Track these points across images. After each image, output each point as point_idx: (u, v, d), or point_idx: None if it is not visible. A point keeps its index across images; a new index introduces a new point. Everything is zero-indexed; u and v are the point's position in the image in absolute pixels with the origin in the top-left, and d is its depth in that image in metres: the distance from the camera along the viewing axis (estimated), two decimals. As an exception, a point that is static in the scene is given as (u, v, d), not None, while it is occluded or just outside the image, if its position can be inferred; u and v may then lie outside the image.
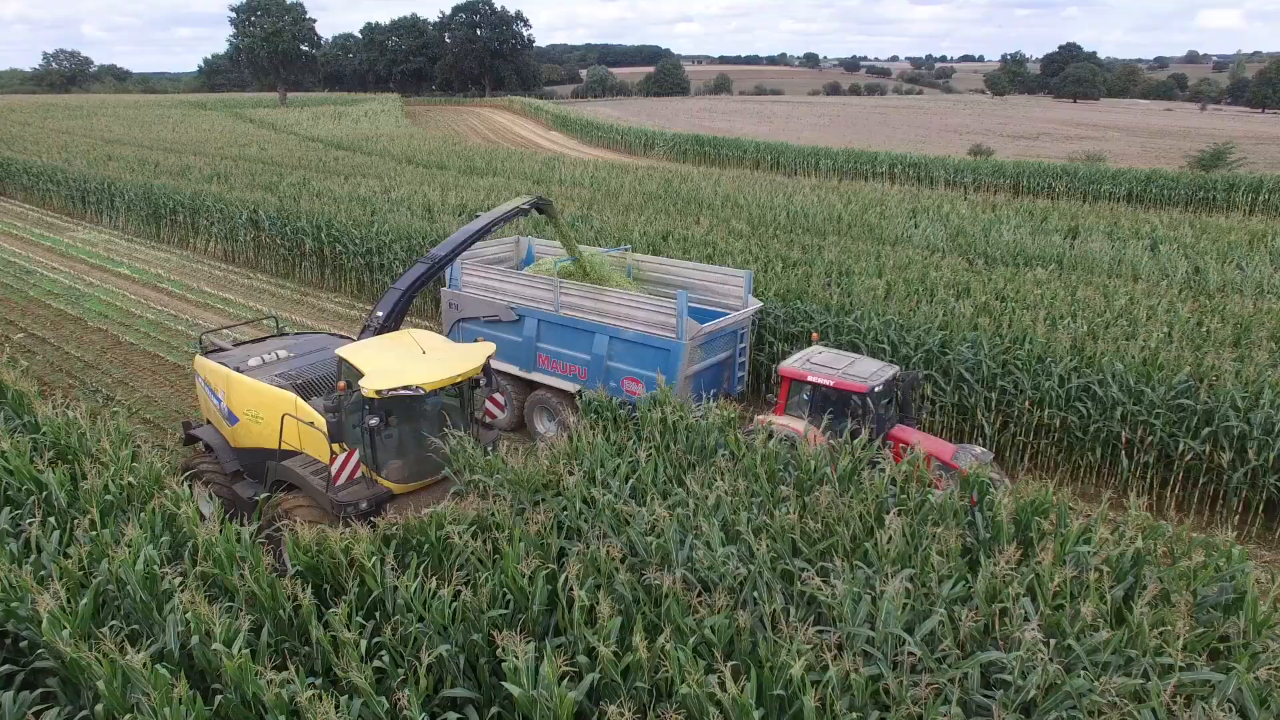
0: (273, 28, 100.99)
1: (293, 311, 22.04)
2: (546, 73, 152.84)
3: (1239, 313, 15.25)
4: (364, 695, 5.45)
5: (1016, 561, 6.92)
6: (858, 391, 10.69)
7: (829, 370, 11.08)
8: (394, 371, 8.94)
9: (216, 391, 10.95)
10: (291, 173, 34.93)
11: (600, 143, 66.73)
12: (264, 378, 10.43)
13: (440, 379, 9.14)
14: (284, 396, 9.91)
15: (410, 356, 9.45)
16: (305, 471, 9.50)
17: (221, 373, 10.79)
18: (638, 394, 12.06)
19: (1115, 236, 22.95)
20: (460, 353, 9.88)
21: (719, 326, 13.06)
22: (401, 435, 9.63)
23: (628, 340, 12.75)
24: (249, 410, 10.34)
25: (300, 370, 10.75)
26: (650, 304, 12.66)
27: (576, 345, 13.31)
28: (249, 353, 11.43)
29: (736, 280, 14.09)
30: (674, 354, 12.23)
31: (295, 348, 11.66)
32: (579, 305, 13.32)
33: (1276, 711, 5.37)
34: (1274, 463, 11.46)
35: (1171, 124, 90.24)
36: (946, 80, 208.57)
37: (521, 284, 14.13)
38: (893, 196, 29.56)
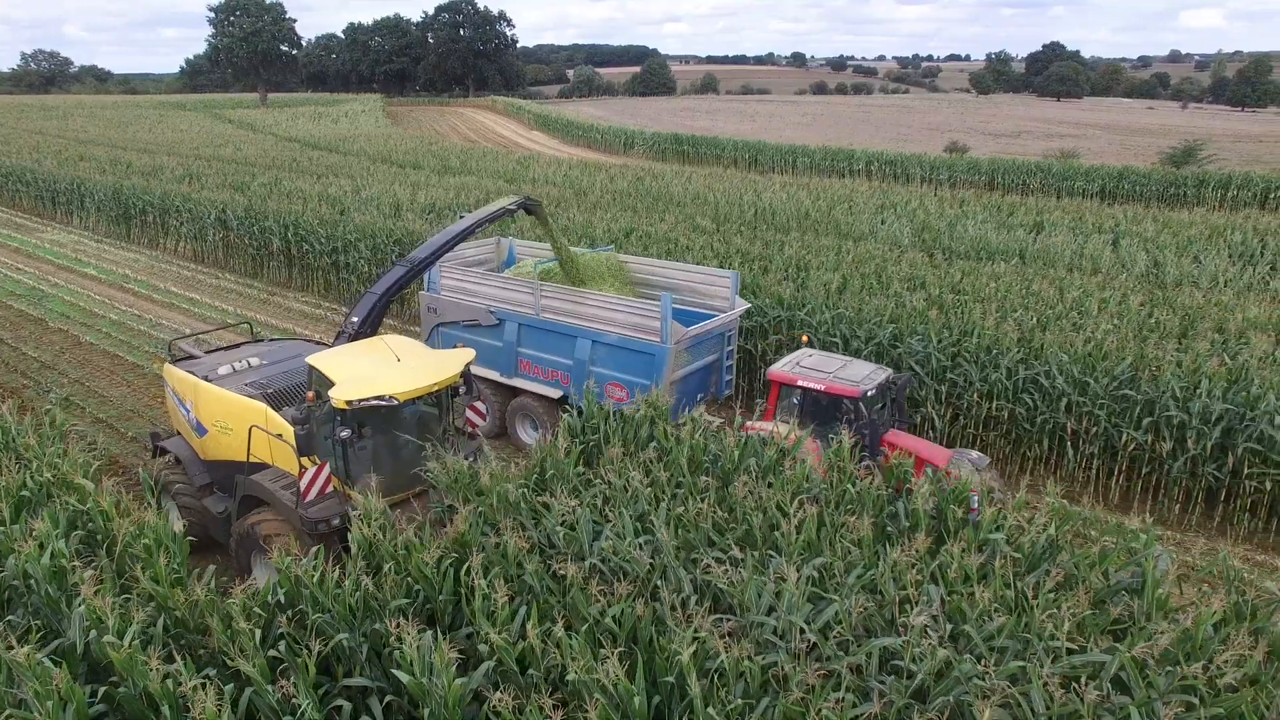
0: (251, 27, 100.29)
1: (259, 311, 21.96)
2: (534, 73, 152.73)
3: (1188, 304, 15.39)
4: (255, 684, 5.43)
5: (928, 549, 6.97)
6: (850, 396, 10.27)
7: (819, 374, 10.66)
8: (366, 380, 8.46)
9: (185, 401, 10.50)
10: (264, 173, 34.78)
11: (580, 142, 66.75)
12: (233, 387, 9.97)
13: (415, 388, 8.59)
14: (253, 407, 9.44)
15: (384, 364, 8.99)
16: (274, 486, 9.02)
17: (189, 382, 10.36)
18: (623, 400, 11.71)
19: (1078, 231, 23.11)
20: (437, 360, 9.37)
21: (704, 330, 12.62)
22: (376, 447, 9.12)
23: (610, 344, 12.33)
24: (217, 421, 9.89)
25: (271, 379, 10.27)
26: (632, 306, 12.21)
27: (558, 350, 12.90)
28: (219, 361, 11.01)
29: (723, 281, 13.59)
30: (658, 358, 11.82)
31: (268, 355, 11.22)
32: (559, 308, 12.91)
33: (1163, 688, 5.40)
34: (1212, 451, 11.58)
35: (1152, 122, 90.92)
36: (933, 79, 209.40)
37: (501, 286, 13.70)
38: (862, 193, 29.67)
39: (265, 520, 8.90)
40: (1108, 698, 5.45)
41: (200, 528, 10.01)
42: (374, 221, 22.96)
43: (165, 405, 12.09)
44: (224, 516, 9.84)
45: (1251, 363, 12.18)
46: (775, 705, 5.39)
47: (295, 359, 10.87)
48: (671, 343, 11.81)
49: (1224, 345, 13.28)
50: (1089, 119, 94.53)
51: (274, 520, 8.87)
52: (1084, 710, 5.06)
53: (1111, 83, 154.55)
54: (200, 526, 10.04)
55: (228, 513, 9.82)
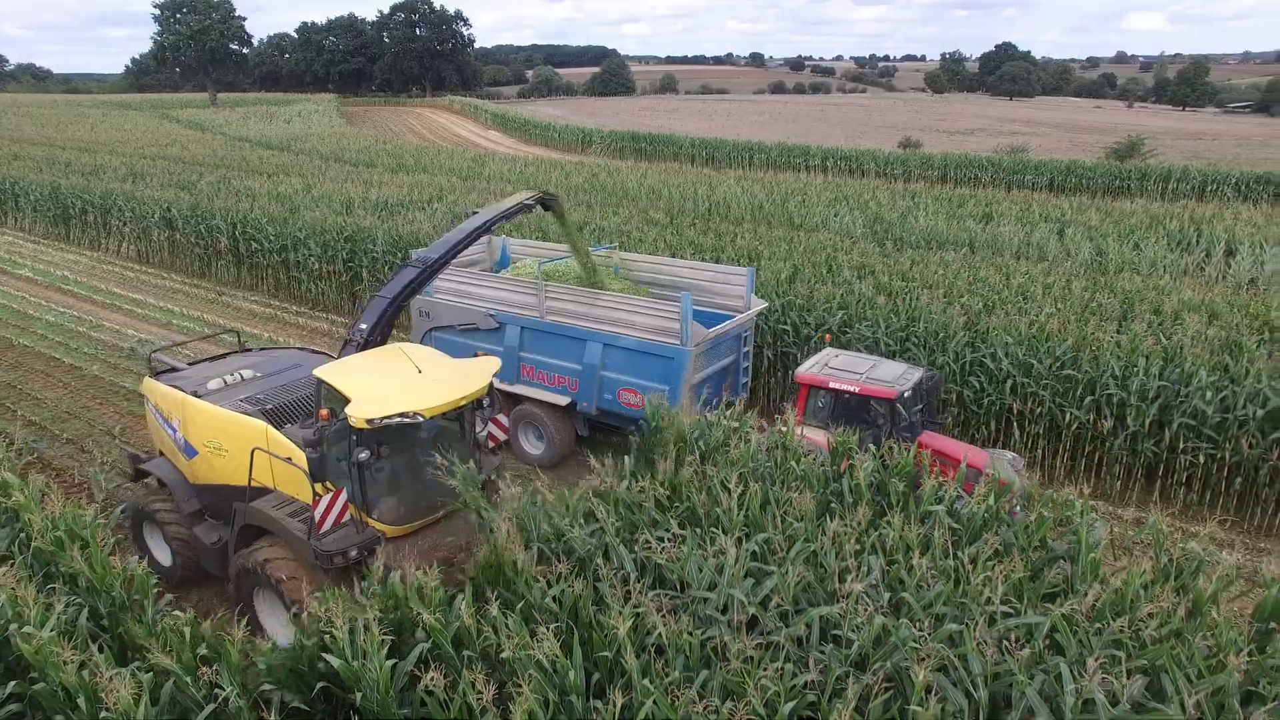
0: (199, 25, 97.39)
1: (208, 311, 21.42)
2: (492, 74, 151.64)
3: (1128, 289, 15.78)
4: (174, 674, 5.25)
5: (869, 522, 7.02)
6: (886, 398, 9.81)
7: (851, 375, 10.16)
8: (387, 396, 7.53)
9: (170, 419, 9.47)
10: (212, 172, 34.00)
11: (538, 141, 66.44)
12: (227, 403, 9.00)
13: (442, 403, 7.68)
14: (252, 425, 8.49)
15: (404, 377, 8.06)
16: (280, 514, 8.08)
17: (176, 398, 9.32)
18: (637, 406, 11.24)
19: (1025, 221, 23.58)
20: (460, 370, 8.48)
21: (724, 330, 12.04)
22: (394, 469, 8.26)
23: (624, 348, 11.66)
24: (210, 441, 8.90)
25: (270, 393, 9.29)
26: (650, 308, 11.55)
27: (566, 354, 12.21)
28: (207, 373, 10.02)
29: (738, 279, 12.86)
30: (678, 362, 11.20)
31: (262, 367, 10.22)
32: (568, 310, 12.22)
33: (1099, 648, 5.48)
34: (1150, 428, 11.88)
35: (1099, 120, 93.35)
36: (889, 79, 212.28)
37: (502, 288, 12.97)
38: (816, 186, 29.95)
39: (271, 554, 7.98)
40: (1041, 658, 5.52)
41: (190, 559, 9.31)
42: (324, 218, 22.56)
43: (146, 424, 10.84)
44: (218, 547, 8.91)
45: (1185, 342, 12.51)
46: (714, 677, 5.36)
47: (294, 370, 10.02)
48: (692, 345, 11.18)
49: (1160, 326, 13.63)
50: (1040, 117, 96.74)
51: (281, 553, 7.95)
52: (1018, 669, 5.11)
53: (1061, 82, 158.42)
54: (190, 558, 9.31)
55: (222, 543, 8.89)
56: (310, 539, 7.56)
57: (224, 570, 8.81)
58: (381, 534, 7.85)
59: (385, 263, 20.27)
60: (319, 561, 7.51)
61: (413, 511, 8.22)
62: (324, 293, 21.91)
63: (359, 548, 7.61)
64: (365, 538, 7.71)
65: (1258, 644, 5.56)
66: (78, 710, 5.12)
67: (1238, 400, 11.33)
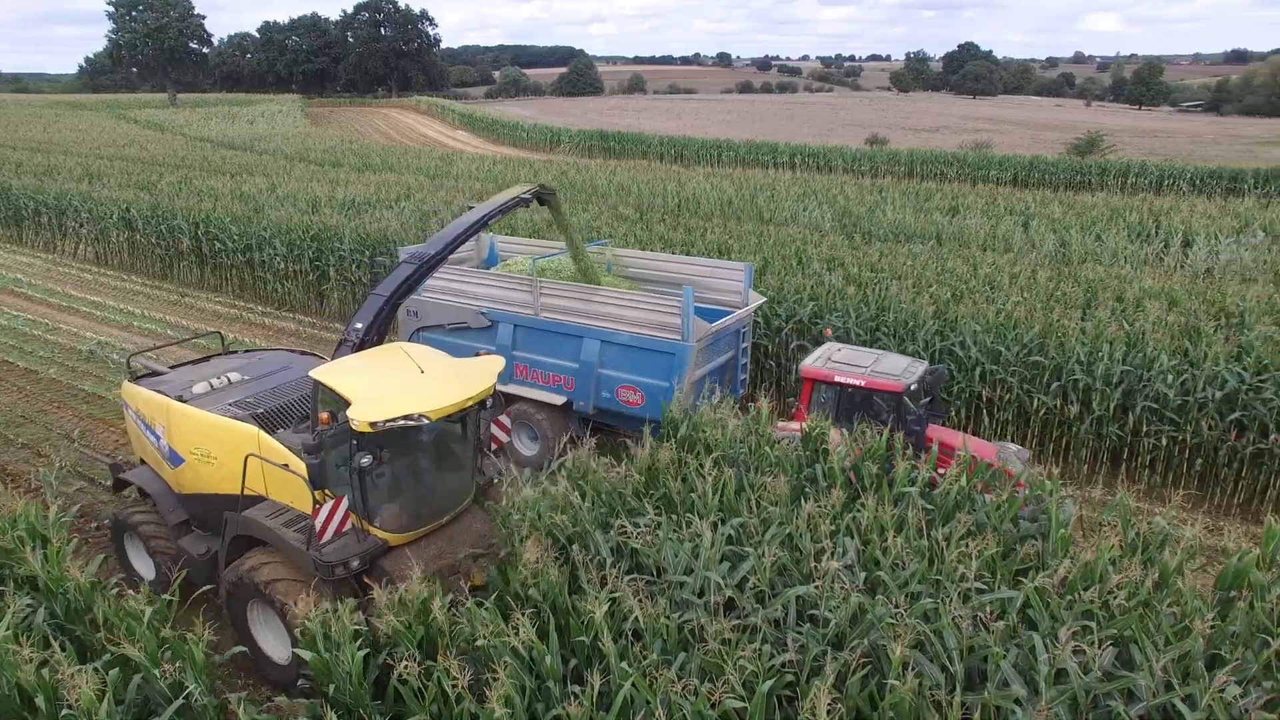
0: (156, 23, 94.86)
1: (170, 313, 20.96)
2: (459, 74, 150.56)
3: (1091, 278, 16.08)
4: (142, 669, 5.11)
5: (843, 505, 7.06)
6: (893, 391, 9.66)
7: (856, 369, 9.99)
8: (389, 397, 7.14)
9: (154, 426, 9.04)
10: (173, 172, 33.32)
11: (506, 141, 66.08)
12: (214, 408, 8.58)
13: (448, 404, 7.29)
14: (243, 431, 8.12)
15: (406, 377, 7.70)
16: (276, 524, 7.69)
17: (159, 403, 8.88)
18: (636, 404, 11.17)
19: (990, 214, 23.94)
20: (464, 370, 8.10)
21: (726, 325, 11.86)
22: (396, 474, 7.89)
23: (623, 344, 11.41)
24: (197, 448, 8.50)
25: (259, 397, 8.89)
26: (650, 303, 11.29)
27: (561, 352, 11.93)
28: (191, 377, 9.54)
29: (735, 274, 12.68)
30: (679, 358, 10.93)
31: (249, 369, 9.81)
32: (564, 307, 11.90)
33: (1071, 619, 5.56)
34: (1114, 412, 12.10)
35: (1060, 118, 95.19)
36: (855, 79, 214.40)
37: (494, 285, 12.58)
38: (784, 182, 30.14)
39: (267, 566, 7.58)
40: (1015, 631, 5.58)
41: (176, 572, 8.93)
42: (290, 217, 22.20)
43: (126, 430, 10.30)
44: (207, 559, 8.51)
45: (1147, 327, 12.77)
46: (692, 659, 5.35)
47: (283, 373, 9.63)
48: (694, 340, 10.96)
49: (1123, 313, 13.90)
50: (1003, 115, 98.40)
51: (277, 565, 7.57)
52: (993, 641, 5.16)
53: (1023, 81, 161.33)
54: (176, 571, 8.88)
55: (211, 554, 8.51)
56: (309, 549, 7.21)
57: (210, 582, 8.44)
58: (384, 542, 7.57)
59: (353, 261, 20.01)
60: (319, 573, 7.16)
61: (416, 518, 7.87)
62: (290, 292, 21.56)
63: (361, 558, 7.29)
64: (367, 547, 7.39)
65: (1220, 612, 5.67)
66: (38, 712, 4.96)
67: (1197, 383, 11.59)
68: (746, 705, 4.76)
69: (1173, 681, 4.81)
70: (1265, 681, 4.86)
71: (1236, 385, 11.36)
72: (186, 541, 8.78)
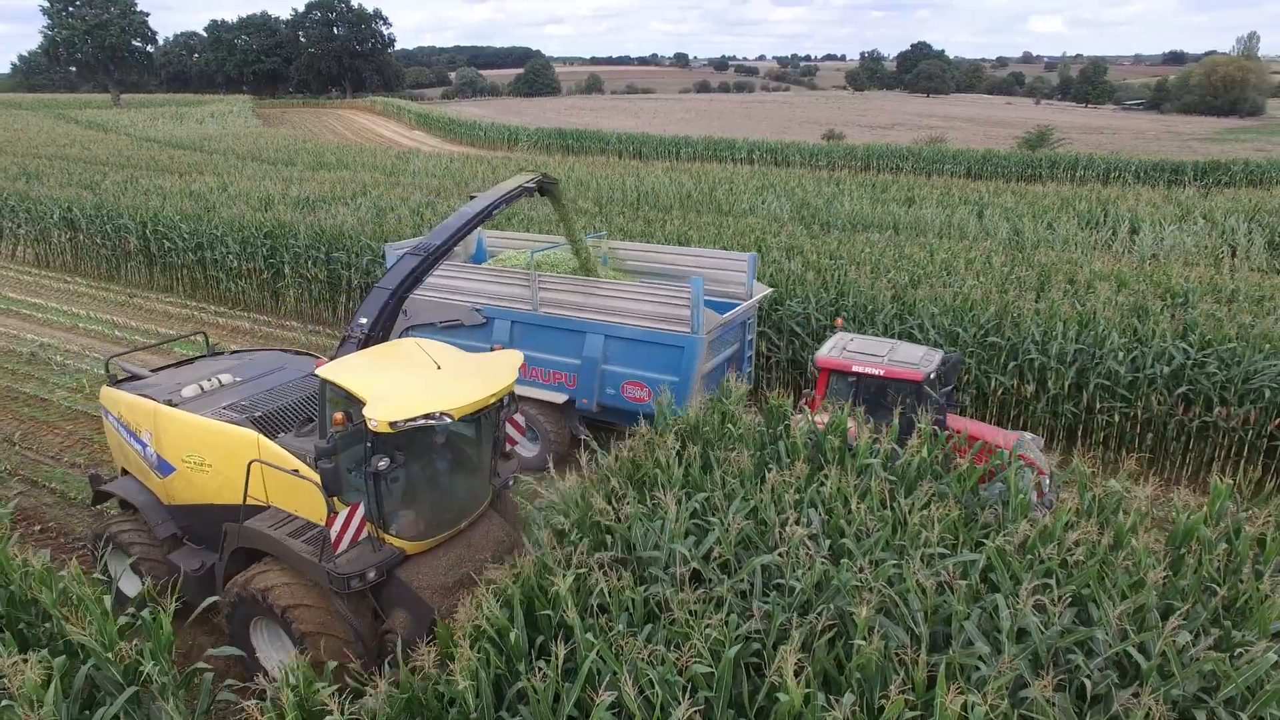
0: (96, 19, 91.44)
1: (117, 314, 20.33)
2: (415, 75, 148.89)
3: (1044, 262, 16.44)
4: (93, 655, 4.92)
5: (807, 478, 7.09)
6: (913, 380, 9.44)
7: (873, 358, 9.76)
8: (407, 396, 6.65)
9: (139, 433, 8.45)
10: (118, 171, 32.34)
11: (464, 140, 65.47)
12: (208, 412, 8.05)
13: (471, 401, 6.81)
14: (242, 436, 7.59)
15: (422, 374, 7.19)
16: (282, 534, 7.16)
17: (145, 408, 8.31)
18: (643, 400, 10.84)
19: (945, 204, 24.36)
20: (483, 365, 7.63)
21: (735, 316, 11.58)
22: (412, 478, 7.38)
23: (628, 339, 11.07)
24: (191, 455, 7.95)
25: (255, 399, 8.36)
26: (657, 295, 10.89)
27: (562, 348, 11.51)
28: (178, 379, 8.98)
29: (738, 265, 12.37)
30: (689, 351, 10.61)
31: (240, 371, 9.25)
32: (564, 301, 11.53)
33: (1031, 578, 5.64)
34: (1069, 390, 12.37)
35: (1011, 116, 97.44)
36: (811, 78, 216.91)
37: (489, 280, 12.12)
38: (743, 175, 30.33)
39: (274, 579, 7.06)
40: (978, 593, 5.65)
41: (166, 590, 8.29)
42: (243, 215, 21.70)
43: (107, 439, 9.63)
44: (201, 574, 7.98)
45: (1098, 307, 13.09)
46: (658, 630, 5.31)
47: (278, 373, 9.12)
48: (704, 332, 10.64)
49: (1075, 295, 14.23)
50: (956, 112, 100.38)
51: (285, 578, 7.05)
52: (956, 601, 5.21)
53: (974, 80, 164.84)
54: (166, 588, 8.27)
55: (206, 569, 8.00)
56: (321, 561, 6.74)
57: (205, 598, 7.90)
58: (400, 551, 7.08)
59: (308, 258, 19.63)
60: (333, 586, 6.67)
61: (433, 525, 7.41)
62: (244, 291, 21.08)
63: (377, 568, 6.78)
64: (383, 557, 6.87)
65: (1171, 566, 5.81)
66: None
67: (1146, 360, 11.90)
68: (714, 670, 4.73)
69: (1128, 630, 4.91)
70: (1213, 629, 4.99)
71: (1183, 361, 11.69)
72: (178, 556, 8.20)
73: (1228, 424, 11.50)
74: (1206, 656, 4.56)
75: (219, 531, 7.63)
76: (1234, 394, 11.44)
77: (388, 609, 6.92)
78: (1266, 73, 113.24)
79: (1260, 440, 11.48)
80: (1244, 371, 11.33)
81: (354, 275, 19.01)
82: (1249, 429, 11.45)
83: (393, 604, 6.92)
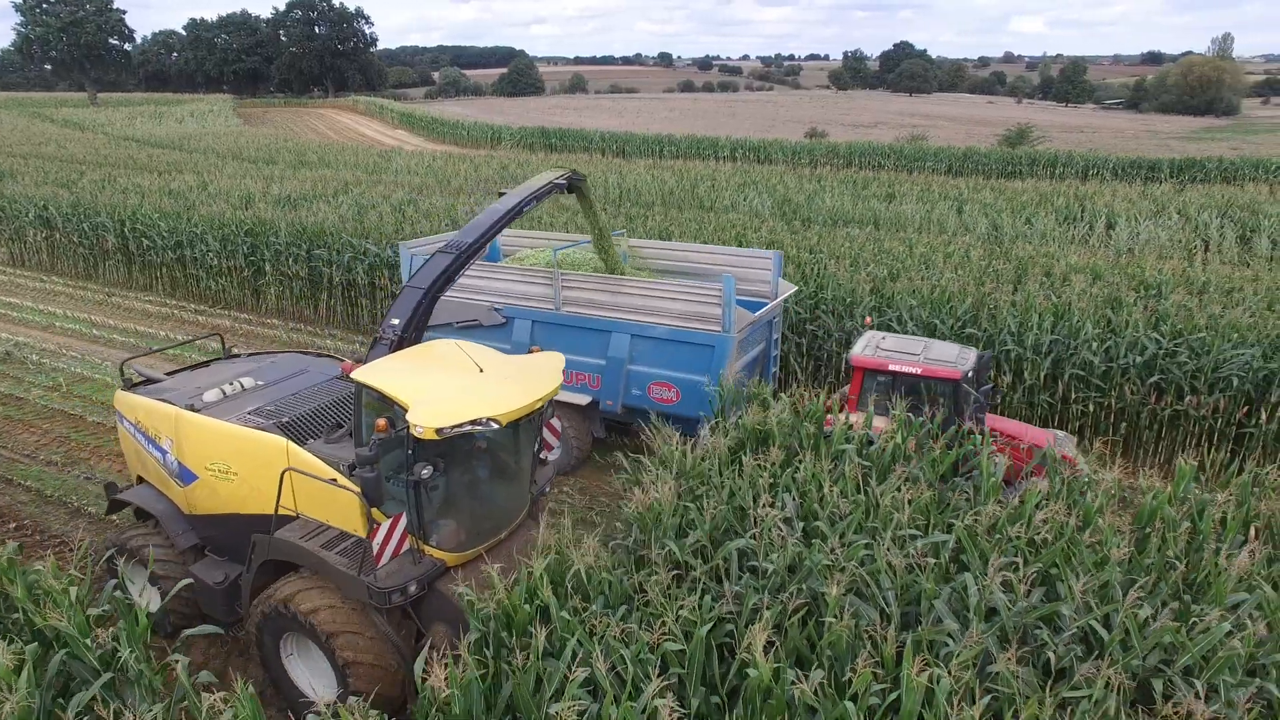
0: (70, 16, 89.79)
1: (94, 313, 20.14)
2: (398, 75, 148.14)
3: (1021, 256, 16.64)
4: (70, 642, 4.91)
5: (782, 463, 7.17)
6: (951, 379, 9.26)
7: (909, 356, 9.62)
8: (451, 400, 6.31)
9: (159, 440, 8.09)
10: (95, 170, 32.05)
11: (446, 139, 65.25)
12: (232, 417, 7.69)
13: (519, 406, 6.46)
14: (270, 442, 7.23)
15: (465, 378, 6.83)
16: (315, 546, 6.80)
17: (166, 414, 7.94)
18: (670, 401, 10.75)
19: (925, 200, 24.58)
20: (526, 368, 7.24)
21: (765, 314, 11.44)
22: (451, 486, 7.03)
23: (655, 338, 10.83)
24: (215, 463, 7.60)
25: (282, 404, 8.00)
26: (687, 293, 10.67)
27: (586, 348, 11.19)
28: (197, 383, 8.62)
29: (763, 263, 12.14)
30: (719, 350, 10.39)
31: (262, 374, 8.84)
32: (589, 300, 11.28)
33: (994, 560, 5.75)
34: (1045, 381, 12.53)
35: (993, 115, 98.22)
36: (795, 77, 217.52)
37: (509, 279, 11.79)
38: (725, 173, 30.46)
39: (308, 594, 6.71)
40: (948, 573, 5.74)
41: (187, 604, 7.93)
42: (223, 212, 21.57)
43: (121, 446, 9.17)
44: (225, 587, 7.67)
45: (1073, 299, 13.27)
46: (634, 610, 5.37)
47: (302, 377, 8.74)
48: (735, 331, 10.43)
49: (1051, 287, 14.41)
50: (938, 111, 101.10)
51: (320, 593, 6.71)
52: (926, 579, 5.30)
53: (956, 80, 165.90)
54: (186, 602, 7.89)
55: (230, 581, 7.69)
56: (360, 574, 6.40)
57: (230, 614, 7.70)
58: (441, 563, 6.77)
59: (289, 255, 19.54)
60: (373, 600, 6.34)
61: (475, 535, 7.10)
62: (224, 289, 20.95)
63: (418, 581, 6.46)
64: (424, 570, 6.55)
65: (1137, 547, 5.93)
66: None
67: (1120, 350, 12.08)
68: (685, 649, 4.79)
69: (1093, 605, 5.01)
70: (1173, 603, 5.11)
71: (1155, 351, 11.88)
72: (199, 568, 7.86)
73: (1198, 412, 11.69)
74: (1164, 628, 4.66)
75: (243, 542, 7.30)
76: (1204, 382, 11.65)
77: (427, 623, 6.66)
78: (1240, 73, 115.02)
79: (1229, 428, 11.69)
80: (1213, 360, 11.52)
81: (335, 272, 18.94)
82: (1218, 417, 11.65)
83: (433, 618, 6.63)
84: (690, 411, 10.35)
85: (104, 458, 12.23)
